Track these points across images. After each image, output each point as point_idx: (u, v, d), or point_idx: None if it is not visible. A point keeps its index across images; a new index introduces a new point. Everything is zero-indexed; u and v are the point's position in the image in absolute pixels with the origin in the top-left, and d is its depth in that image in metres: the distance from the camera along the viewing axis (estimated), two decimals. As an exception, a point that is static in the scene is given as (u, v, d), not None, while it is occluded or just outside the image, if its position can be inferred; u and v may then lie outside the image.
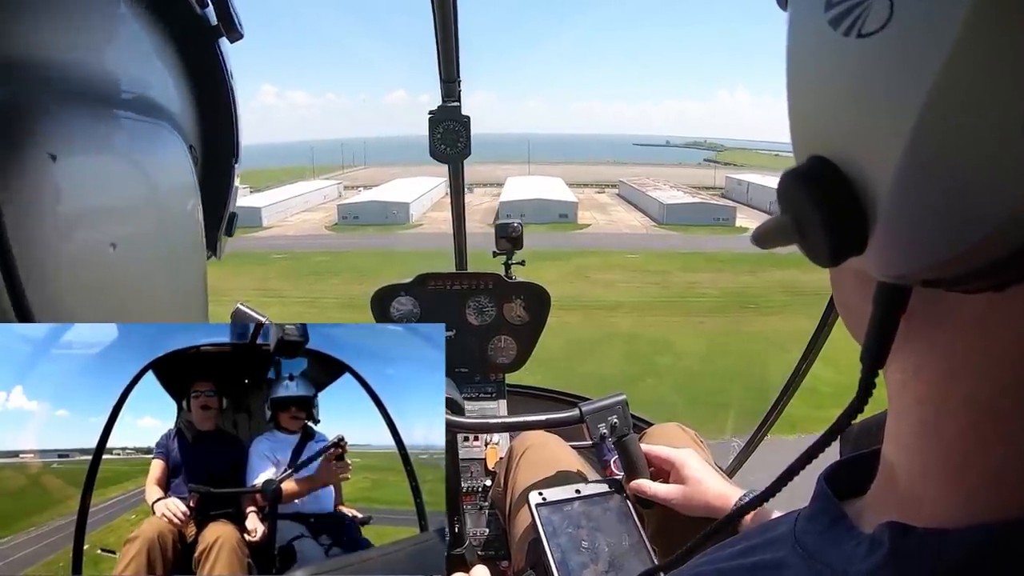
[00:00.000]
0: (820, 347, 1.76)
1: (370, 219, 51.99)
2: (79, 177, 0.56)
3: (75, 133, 0.55)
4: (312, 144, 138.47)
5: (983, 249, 0.23)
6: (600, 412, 1.16)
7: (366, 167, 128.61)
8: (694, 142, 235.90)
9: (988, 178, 0.21)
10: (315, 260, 38.94)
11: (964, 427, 0.29)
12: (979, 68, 0.20)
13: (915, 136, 0.23)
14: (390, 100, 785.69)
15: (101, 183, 0.61)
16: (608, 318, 26.92)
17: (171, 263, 0.79)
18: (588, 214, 54.91)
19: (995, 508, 0.28)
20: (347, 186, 79.04)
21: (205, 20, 0.76)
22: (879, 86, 0.24)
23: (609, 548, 1.01)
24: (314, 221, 55.26)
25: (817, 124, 0.29)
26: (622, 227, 50.26)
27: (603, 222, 52.93)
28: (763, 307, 26.82)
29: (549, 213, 52.23)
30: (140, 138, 0.68)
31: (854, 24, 0.25)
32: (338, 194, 71.04)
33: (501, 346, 2.23)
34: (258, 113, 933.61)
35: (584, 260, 37.70)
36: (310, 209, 61.37)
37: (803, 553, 0.36)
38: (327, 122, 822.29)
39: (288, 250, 41.66)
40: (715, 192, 66.63)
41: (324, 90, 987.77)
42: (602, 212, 58.52)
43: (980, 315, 0.27)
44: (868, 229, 0.26)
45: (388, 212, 52.55)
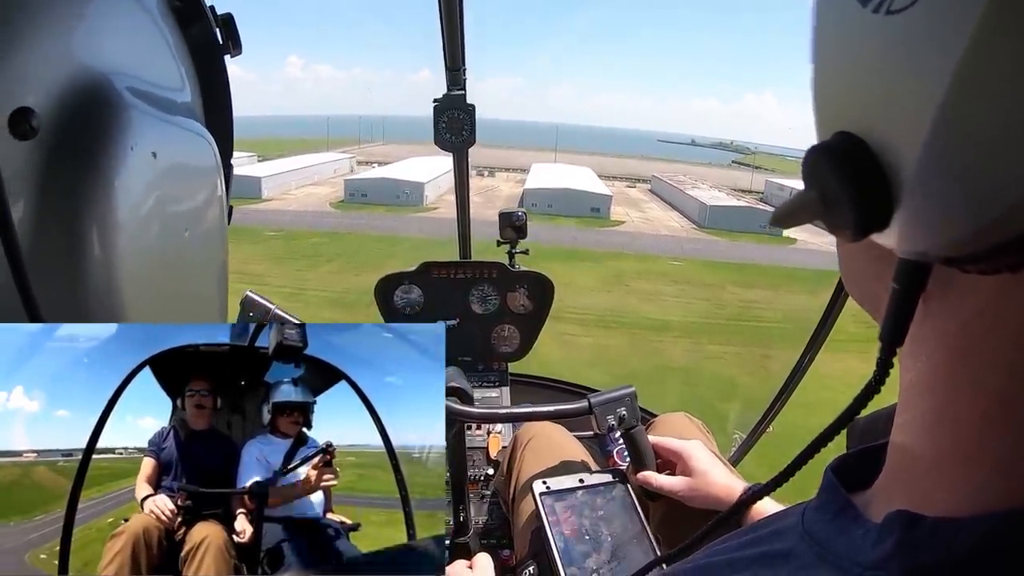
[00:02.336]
0: (824, 339, 1.79)
1: (380, 198, 46.92)
2: (150, 174, 0.65)
3: (143, 130, 0.63)
4: (331, 117, 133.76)
5: (1003, 225, 0.23)
6: (609, 404, 1.15)
7: (384, 143, 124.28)
8: (720, 143, 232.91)
9: (1011, 154, 0.21)
10: (310, 241, 34.04)
11: (975, 414, 0.29)
12: (1005, 44, 0.20)
13: (942, 112, 0.23)
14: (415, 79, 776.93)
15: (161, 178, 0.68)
16: (656, 343, 21.96)
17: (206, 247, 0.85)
18: (620, 209, 49.58)
19: (1006, 496, 0.28)
20: (360, 161, 74.49)
21: (216, 38, 0.87)
22: (907, 62, 0.24)
23: (612, 537, 1.03)
24: (319, 196, 50.38)
25: (844, 100, 0.29)
26: (660, 227, 44.87)
27: (638, 220, 47.57)
28: (835, 340, 21.80)
29: (579, 205, 47.04)
30: (183, 135, 0.76)
31: (883, 1, 0.25)
32: (350, 168, 66.23)
33: (504, 335, 2.20)
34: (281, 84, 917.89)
35: (621, 264, 32.70)
36: (318, 183, 56.55)
37: (811, 542, 0.36)
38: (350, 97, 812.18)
39: (283, 227, 36.78)
40: (754, 196, 61.54)
41: (351, 64, 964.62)
42: (636, 208, 53.16)
43: (993, 299, 0.28)
44: (893, 204, 0.27)
45: (400, 191, 47.35)
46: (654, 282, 29.98)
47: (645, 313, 24.92)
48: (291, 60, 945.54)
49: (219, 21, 0.87)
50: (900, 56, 0.25)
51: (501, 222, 2.07)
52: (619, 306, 25.78)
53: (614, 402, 1.14)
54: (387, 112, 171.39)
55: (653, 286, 29.32)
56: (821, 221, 0.30)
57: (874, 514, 0.34)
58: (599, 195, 48.77)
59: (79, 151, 0.56)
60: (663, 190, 60.65)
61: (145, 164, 0.63)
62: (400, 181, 47.93)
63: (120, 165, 0.58)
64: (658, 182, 64.63)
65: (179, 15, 0.83)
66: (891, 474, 0.37)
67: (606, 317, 24.34)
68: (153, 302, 0.68)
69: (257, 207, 43.02)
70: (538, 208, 46.56)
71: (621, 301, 26.59)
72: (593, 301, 25.95)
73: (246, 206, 41.54)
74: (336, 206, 46.50)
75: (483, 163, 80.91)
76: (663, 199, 58.04)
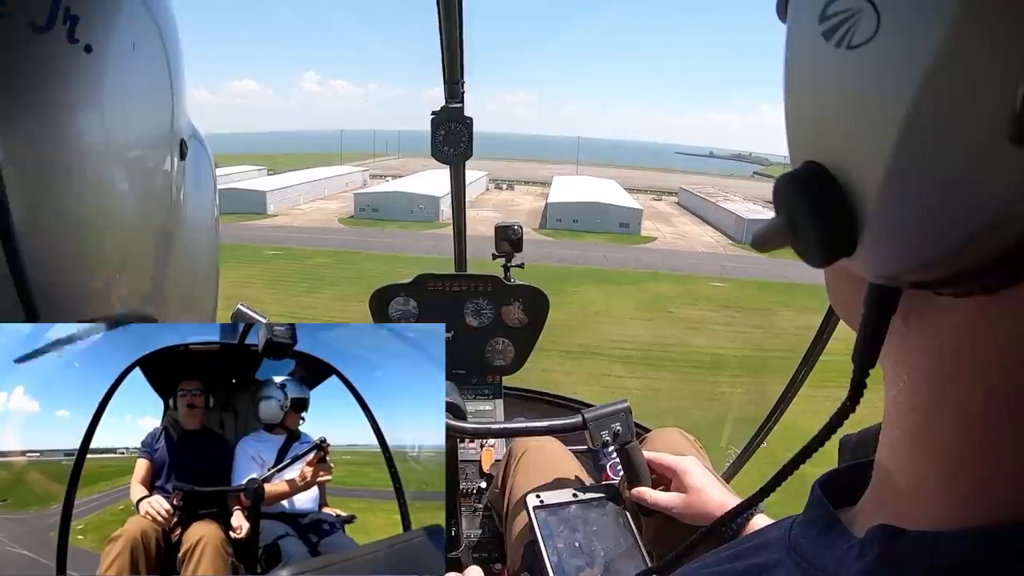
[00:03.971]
0: (819, 355, 1.76)
1: (392, 213, 43.96)
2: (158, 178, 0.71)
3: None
4: (345, 132, 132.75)
5: (965, 252, 0.23)
6: (603, 419, 1.14)
7: (399, 156, 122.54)
8: (738, 154, 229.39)
9: (968, 184, 0.22)
10: (314, 261, 31.07)
11: (956, 432, 0.30)
12: (958, 78, 0.21)
13: (899, 142, 0.23)
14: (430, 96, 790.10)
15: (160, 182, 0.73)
16: (712, 384, 18.43)
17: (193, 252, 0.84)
18: (650, 224, 46.03)
19: (986, 513, 0.28)
20: (374, 174, 72.13)
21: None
22: (866, 94, 0.25)
23: (605, 552, 1.03)
24: (329, 211, 47.72)
25: (812, 131, 0.30)
26: (695, 243, 41.26)
27: (670, 235, 44.00)
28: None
29: (607, 220, 43.71)
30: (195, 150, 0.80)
31: (845, 36, 0.26)
32: (363, 182, 63.73)
33: (499, 348, 2.16)
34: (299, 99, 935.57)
35: (659, 286, 29.21)
36: (328, 197, 53.97)
37: (796, 557, 0.37)
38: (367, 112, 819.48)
39: (286, 246, 33.90)
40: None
41: (367, 80, 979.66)
42: (666, 223, 49.61)
43: (971, 319, 0.28)
44: (858, 232, 0.27)
45: (414, 206, 44.24)
46: (698, 307, 26.50)
47: (694, 346, 21.42)
48: (308, 75, 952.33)
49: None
50: (860, 89, 0.26)
51: (497, 235, 2.05)
52: (664, 337, 22.33)
53: (608, 417, 1.14)
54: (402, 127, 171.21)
55: (698, 312, 25.81)
56: (791, 246, 0.31)
57: (859, 529, 0.34)
58: (628, 209, 45.37)
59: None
60: (692, 203, 57.16)
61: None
62: (414, 195, 44.88)
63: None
64: (686, 195, 61.14)
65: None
66: (876, 490, 0.38)
67: (652, 352, 20.90)
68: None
69: (261, 223, 40.47)
70: (563, 224, 43.65)
71: (665, 331, 23.14)
72: (634, 332, 22.60)
73: (249, 221, 39.12)
74: (345, 222, 43.64)
75: (501, 176, 78.43)
76: (693, 212, 54.53)
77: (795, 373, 1.88)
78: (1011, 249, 0.22)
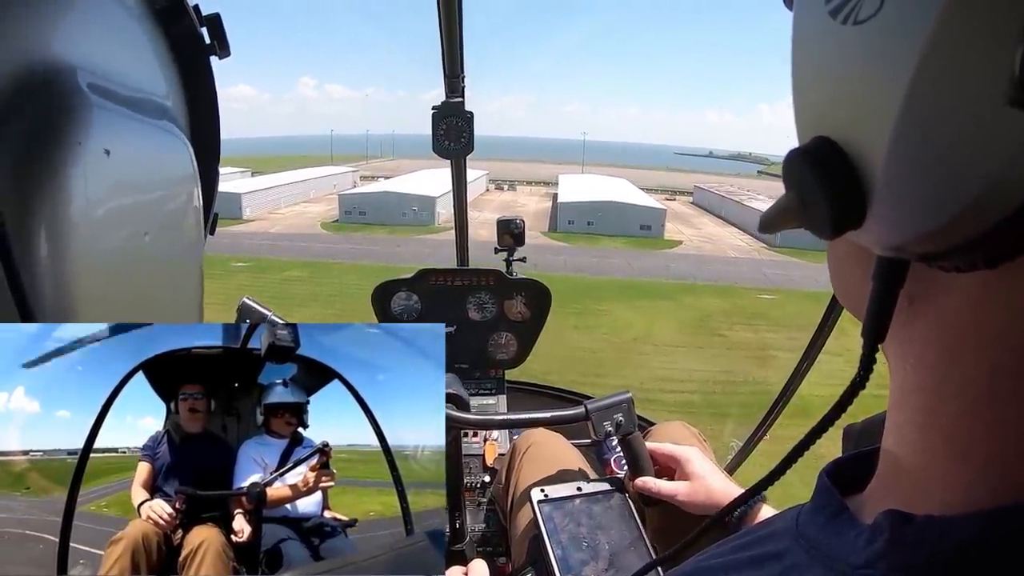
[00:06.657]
0: (821, 347, 1.78)
1: (382, 217, 39.22)
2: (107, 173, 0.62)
3: (105, 130, 0.61)
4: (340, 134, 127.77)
5: (968, 220, 0.24)
6: (606, 410, 1.13)
7: (393, 158, 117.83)
8: (738, 154, 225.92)
9: (969, 151, 0.23)
10: (285, 275, 26.17)
11: (964, 412, 0.30)
12: (958, 49, 0.22)
13: (903, 112, 0.24)
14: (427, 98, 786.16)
15: (122, 179, 0.67)
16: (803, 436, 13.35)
17: (173, 256, 0.82)
18: (670, 226, 41.26)
19: (996, 494, 0.29)
20: (365, 176, 67.43)
21: (201, 38, 0.86)
22: (872, 68, 0.26)
23: (610, 546, 1.03)
24: (312, 215, 42.96)
25: (819, 106, 0.31)
26: (725, 248, 36.54)
27: (696, 238, 39.22)
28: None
29: (625, 222, 39.10)
30: (152, 137, 0.75)
31: (851, 13, 0.27)
32: (352, 184, 58.83)
33: (501, 343, 2.18)
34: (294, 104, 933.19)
35: (699, 300, 24.41)
36: (312, 200, 49.17)
37: (805, 544, 0.37)
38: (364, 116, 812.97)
39: (257, 256, 28.99)
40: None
41: (363, 84, 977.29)
42: (687, 224, 44.87)
43: (975, 295, 0.28)
44: (866, 203, 0.28)
45: (406, 208, 39.49)
46: (754, 327, 21.76)
47: (767, 383, 16.55)
48: (304, 80, 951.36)
49: (204, 20, 0.82)
50: (866, 63, 0.26)
51: (499, 229, 2.05)
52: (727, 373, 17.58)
53: (611, 408, 1.13)
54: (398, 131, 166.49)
55: (755, 335, 21.04)
56: (800, 221, 0.32)
57: (868, 516, 0.34)
58: (649, 209, 40.74)
59: (20, 143, 0.55)
60: (710, 202, 52.62)
61: (96, 161, 0.61)
62: (407, 196, 40.14)
63: (67, 160, 0.57)
64: (702, 193, 56.59)
65: (159, 13, 0.79)
66: (884, 475, 0.38)
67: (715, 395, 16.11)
68: (100, 305, 0.63)
69: (234, 229, 35.60)
70: (576, 226, 39.00)
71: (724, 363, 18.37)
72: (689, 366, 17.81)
73: (222, 228, 34.15)
74: (328, 227, 38.81)
75: (502, 176, 73.87)
76: (713, 212, 49.91)
77: (797, 367, 1.92)
78: (1012, 215, 0.22)
